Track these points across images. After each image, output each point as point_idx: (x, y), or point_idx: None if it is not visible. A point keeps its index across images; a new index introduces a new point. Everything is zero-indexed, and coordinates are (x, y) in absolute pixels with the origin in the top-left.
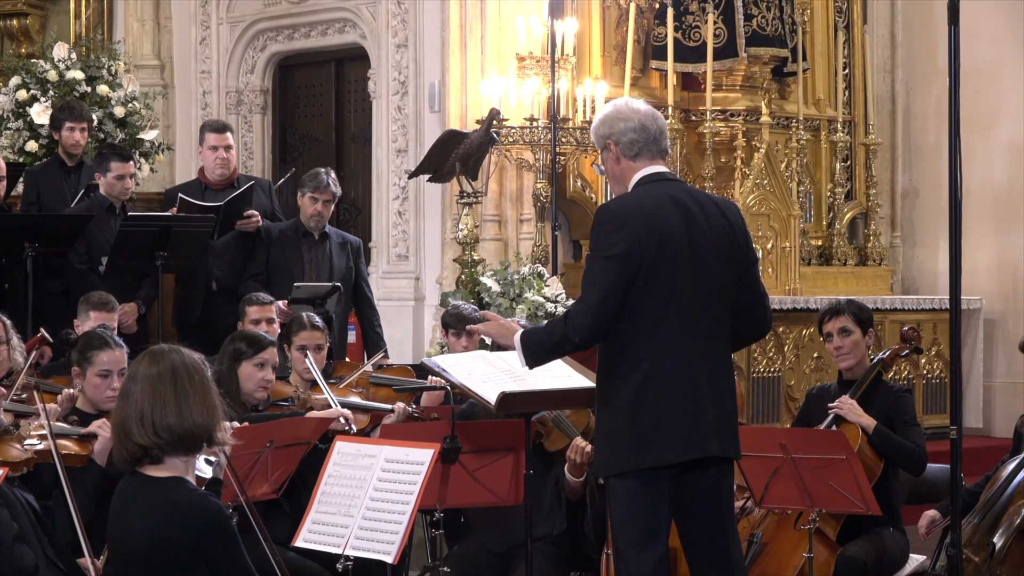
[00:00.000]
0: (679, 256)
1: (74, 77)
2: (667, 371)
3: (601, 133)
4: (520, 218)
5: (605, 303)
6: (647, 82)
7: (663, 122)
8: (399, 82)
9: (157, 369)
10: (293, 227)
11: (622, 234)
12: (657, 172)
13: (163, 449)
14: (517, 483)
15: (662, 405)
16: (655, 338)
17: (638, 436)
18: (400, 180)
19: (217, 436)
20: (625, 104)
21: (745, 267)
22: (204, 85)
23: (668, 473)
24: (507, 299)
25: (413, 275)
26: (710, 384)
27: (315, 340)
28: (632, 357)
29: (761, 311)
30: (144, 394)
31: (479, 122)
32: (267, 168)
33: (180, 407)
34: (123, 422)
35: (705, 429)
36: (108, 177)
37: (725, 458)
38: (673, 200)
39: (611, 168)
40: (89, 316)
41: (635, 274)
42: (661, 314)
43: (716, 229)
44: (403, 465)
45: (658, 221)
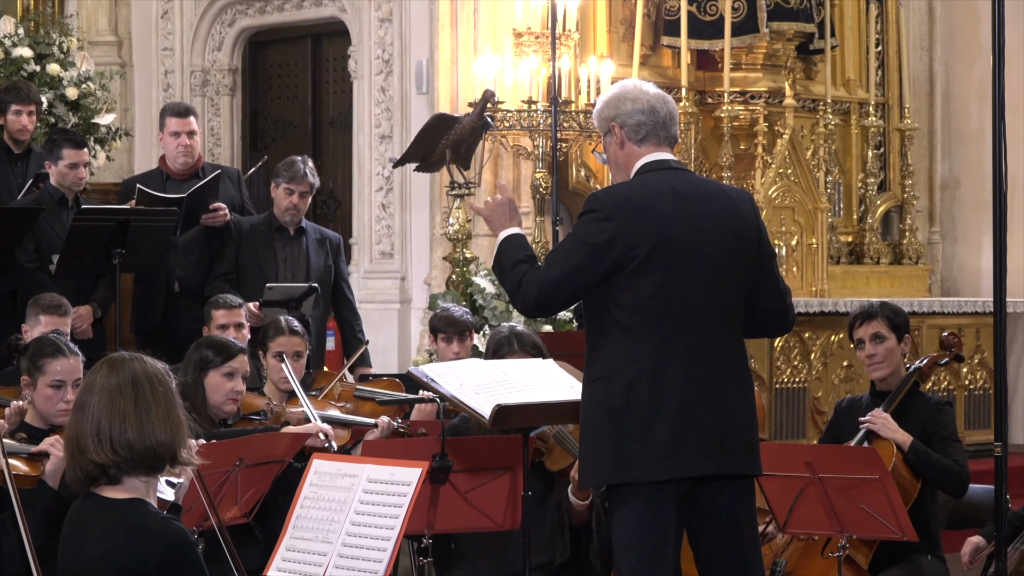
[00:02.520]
0: (675, 252)
1: (21, 55)
2: (660, 376)
3: (605, 115)
4: None
5: (556, 286)
6: (658, 60)
7: (674, 106)
8: (383, 60)
9: (116, 379)
10: (265, 222)
11: (607, 225)
12: (662, 159)
13: (121, 468)
14: (514, 506)
15: (650, 413)
16: (648, 340)
17: (623, 445)
18: (384, 169)
19: (181, 455)
20: (633, 85)
21: (759, 262)
22: (166, 64)
23: (674, 491)
24: (503, 301)
25: (398, 275)
26: (712, 392)
27: (294, 346)
28: (619, 359)
29: (780, 310)
30: (101, 407)
31: (471, 105)
32: (236, 156)
33: (141, 422)
34: (77, 437)
35: (700, 443)
36: (59, 166)
37: (743, 476)
38: (674, 191)
39: (614, 153)
40: (39, 320)
41: (607, 269)
42: (652, 314)
43: (724, 221)
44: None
45: (653, 214)
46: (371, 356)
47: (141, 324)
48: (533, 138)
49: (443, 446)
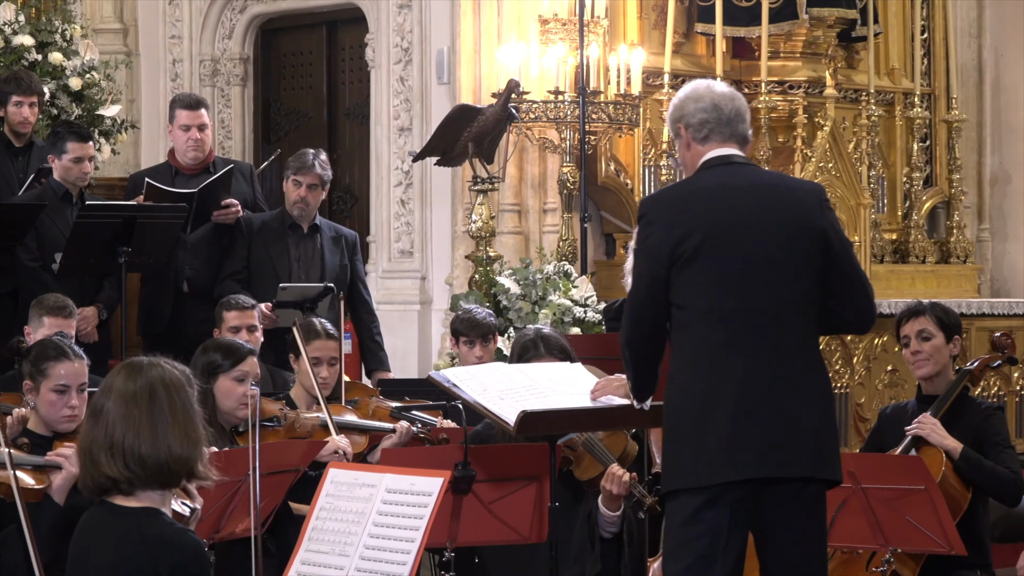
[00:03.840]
0: (725, 246)
1: (22, 43)
2: (716, 376)
3: (673, 118)
4: (543, 208)
5: (635, 302)
6: (691, 48)
7: (742, 104)
8: (402, 49)
9: (133, 387)
10: (278, 218)
11: (653, 228)
12: (723, 155)
13: (134, 484)
14: (541, 517)
15: (708, 414)
16: (702, 339)
17: (678, 450)
18: (403, 163)
19: (199, 469)
20: (699, 84)
21: (828, 256)
22: (174, 52)
23: (730, 497)
24: (528, 302)
25: (418, 274)
26: (770, 393)
27: (330, 352)
28: (681, 361)
29: (859, 304)
30: (116, 417)
31: (495, 96)
32: (247, 150)
33: (155, 435)
34: (91, 448)
35: (756, 446)
36: (63, 160)
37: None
38: (725, 185)
39: (682, 156)
40: (43, 322)
41: (667, 269)
42: (705, 312)
43: (786, 216)
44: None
45: (702, 211)
46: (390, 360)
47: (148, 326)
48: (560, 130)
49: (466, 454)
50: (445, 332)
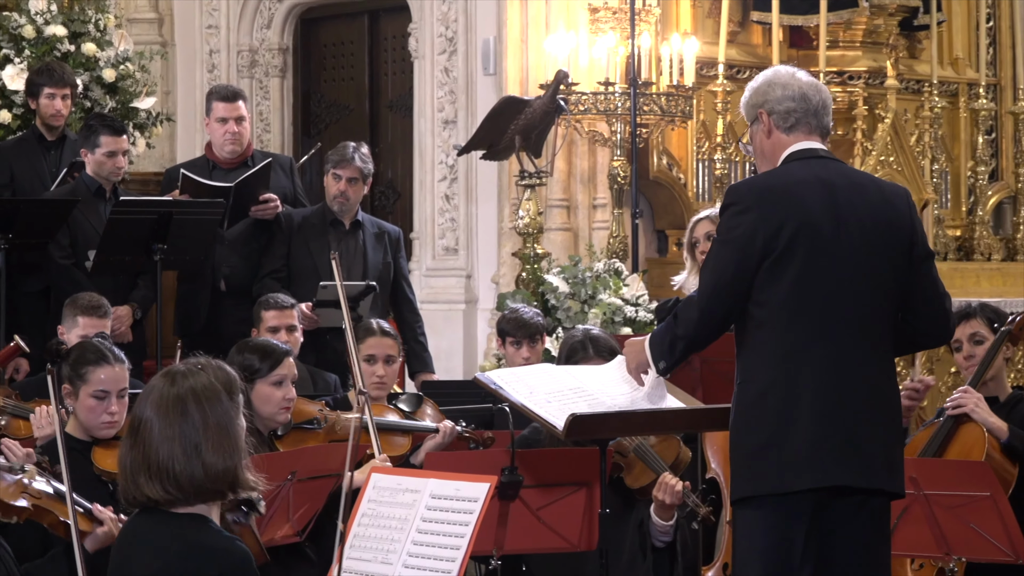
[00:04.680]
0: (820, 245)
1: (54, 33)
2: (796, 378)
3: (753, 102)
4: (593, 203)
5: (715, 295)
6: (747, 38)
7: (827, 95)
8: (446, 39)
9: (167, 402)
10: (319, 214)
11: (746, 217)
12: (809, 148)
13: (174, 503)
14: (590, 524)
15: (784, 420)
16: (785, 340)
17: (753, 455)
18: (448, 157)
19: (244, 478)
20: (785, 71)
21: (912, 263)
22: (211, 43)
23: (806, 505)
24: (577, 301)
25: (463, 272)
26: (850, 400)
27: (386, 349)
28: (754, 362)
29: (938, 316)
30: (150, 436)
31: (543, 87)
32: (286, 143)
33: (188, 453)
34: (129, 467)
35: (834, 453)
36: (96, 154)
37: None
38: (819, 180)
39: (760, 143)
40: (76, 322)
41: (757, 263)
42: (794, 312)
43: (875, 217)
44: (452, 502)
45: (795, 204)
46: (434, 361)
47: (184, 326)
48: (610, 123)
49: (513, 459)
50: (491, 332)
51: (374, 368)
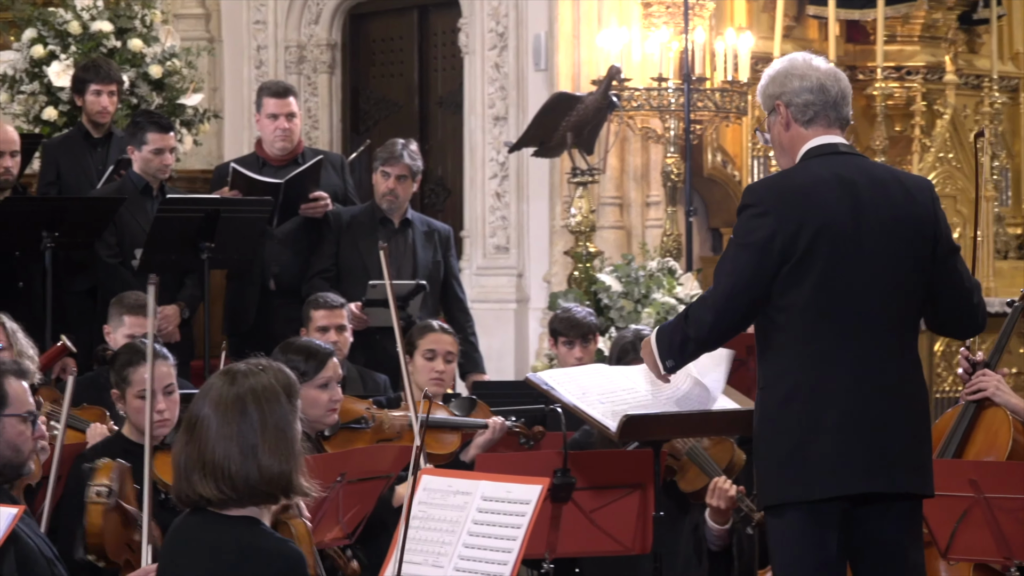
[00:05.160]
0: (841, 246)
1: (101, 29)
2: (820, 384)
3: (770, 92)
4: (646, 201)
5: (731, 299)
6: (803, 32)
7: (847, 85)
8: (497, 34)
9: (226, 401)
10: (367, 212)
11: (765, 220)
12: (829, 143)
13: (227, 504)
14: (644, 527)
15: (810, 426)
16: (809, 345)
17: (780, 463)
18: (499, 154)
19: (298, 483)
20: (802, 59)
21: (937, 258)
22: (258, 39)
23: (836, 511)
24: (630, 300)
25: (515, 271)
26: (878, 403)
27: (445, 346)
28: (779, 367)
29: (965, 310)
30: (207, 433)
31: (595, 83)
32: (335, 140)
33: (245, 454)
34: (184, 464)
35: (864, 459)
36: (143, 151)
37: (908, 496)
38: (839, 178)
39: (778, 135)
40: (123, 321)
41: (776, 267)
42: (817, 316)
43: (897, 213)
44: (504, 504)
45: (815, 205)
46: (485, 362)
47: (233, 325)
48: (664, 119)
49: (565, 461)
50: (543, 332)
51: (433, 364)
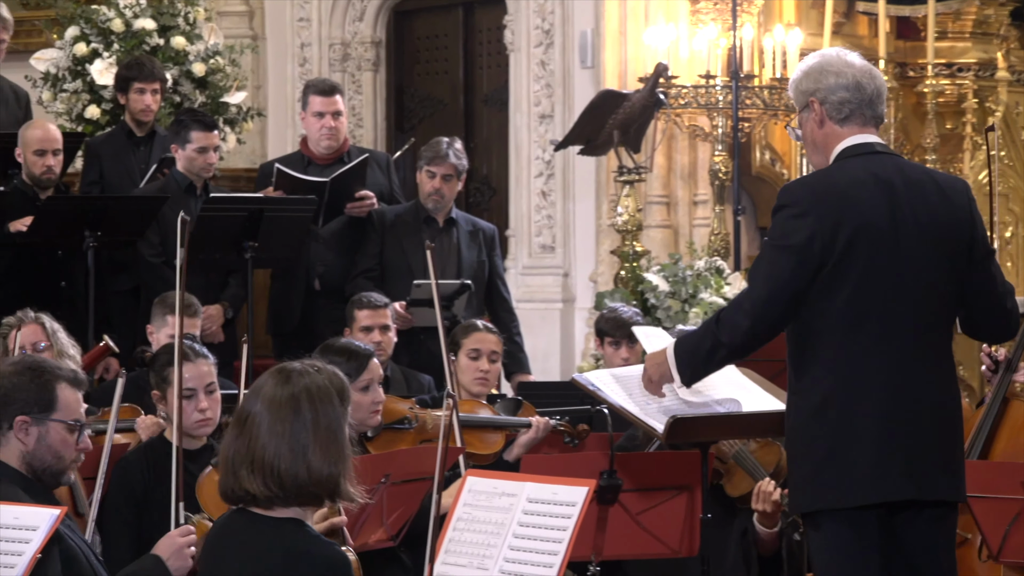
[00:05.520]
0: (878, 249)
1: (144, 27)
2: (857, 389)
3: (804, 88)
4: (694, 199)
5: (769, 303)
6: (852, 29)
7: (882, 82)
8: (543, 31)
9: (279, 397)
10: (412, 211)
11: (804, 222)
12: (865, 143)
13: (272, 501)
14: (691, 529)
15: (846, 432)
16: (844, 349)
17: (814, 469)
18: (544, 152)
19: (343, 489)
20: (836, 55)
21: (972, 260)
22: (302, 36)
23: (874, 516)
24: (678, 300)
25: (560, 271)
26: (915, 407)
27: (490, 345)
28: (814, 372)
29: (998, 313)
30: (258, 429)
31: (642, 80)
32: (379, 138)
33: (295, 452)
34: (232, 459)
35: (902, 464)
36: (187, 150)
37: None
38: (876, 179)
39: (811, 132)
40: (166, 321)
41: (815, 271)
42: (853, 320)
43: (934, 215)
44: (550, 506)
45: (853, 206)
46: (530, 362)
47: (277, 326)
48: (711, 117)
49: (612, 462)
50: (589, 332)
51: (478, 363)
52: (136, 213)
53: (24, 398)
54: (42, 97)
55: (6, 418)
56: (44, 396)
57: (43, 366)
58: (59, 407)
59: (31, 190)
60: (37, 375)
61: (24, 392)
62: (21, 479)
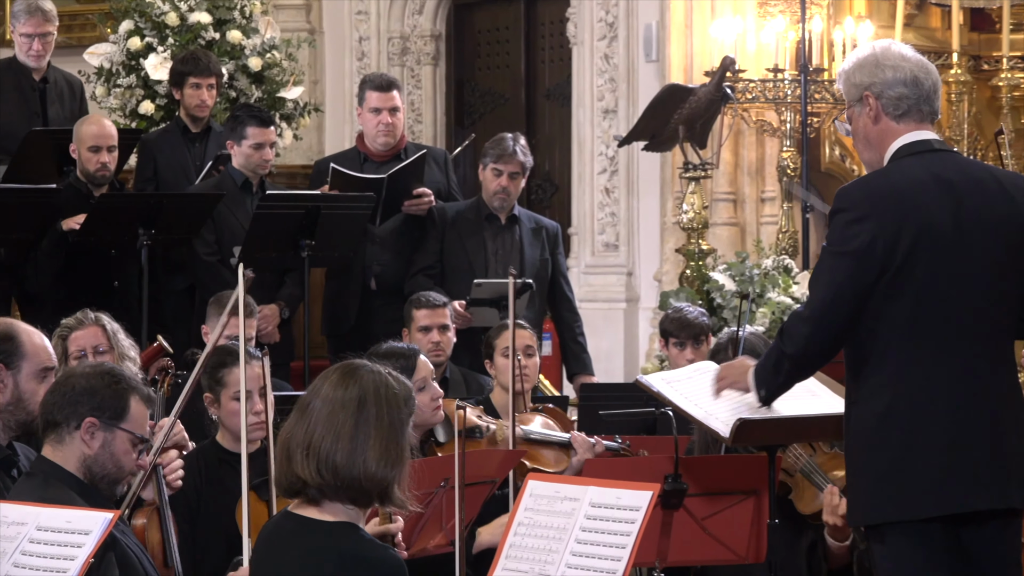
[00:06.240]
0: (941, 253)
1: (199, 21)
2: (921, 397)
3: (857, 81)
4: (761, 196)
5: (829, 310)
6: (924, 21)
7: (937, 76)
8: (606, 24)
9: (343, 392)
10: (473, 208)
11: (863, 227)
12: (922, 140)
13: (323, 491)
14: (758, 535)
15: (911, 442)
16: (907, 357)
17: (877, 480)
18: (608, 148)
19: (394, 494)
20: (891, 48)
21: None
22: (360, 30)
23: (940, 529)
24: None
25: (624, 269)
26: (982, 414)
27: (523, 340)
28: (876, 380)
29: None
30: (320, 416)
31: (708, 74)
32: (439, 134)
33: (353, 448)
34: (289, 443)
35: (971, 474)
36: (243, 146)
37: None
38: (937, 179)
39: (864, 128)
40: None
41: (876, 276)
42: (916, 327)
43: (996, 215)
44: (613, 511)
45: (914, 208)
46: (593, 363)
47: (333, 326)
48: (779, 112)
49: (676, 466)
50: (653, 332)
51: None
52: (191, 211)
53: (97, 402)
54: (95, 92)
55: (75, 417)
56: (117, 404)
57: (121, 374)
58: (129, 418)
59: (85, 187)
60: (114, 381)
61: (98, 396)
62: (76, 483)
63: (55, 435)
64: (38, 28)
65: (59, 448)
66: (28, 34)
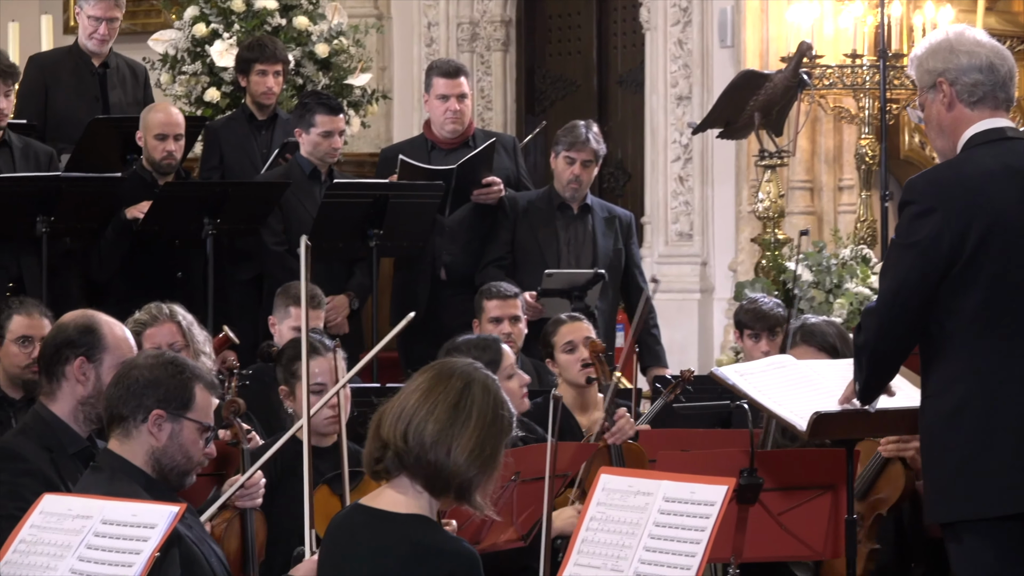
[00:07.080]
0: (1013, 245)
1: (265, 7)
2: (994, 392)
3: (930, 67)
4: (839, 185)
5: (896, 302)
6: (1007, 5)
7: (1013, 63)
8: (680, 9)
9: (449, 373)
10: (545, 198)
11: (930, 219)
12: (996, 128)
13: (401, 459)
14: (836, 531)
15: (983, 439)
16: (979, 352)
17: (951, 476)
18: (682, 136)
19: (474, 496)
20: (964, 33)
21: None
22: (429, 15)
23: (1018, 525)
24: (822, 291)
25: (699, 259)
26: None
27: (583, 333)
28: (946, 374)
29: None
30: (420, 389)
31: (784, 60)
32: (509, 121)
33: (445, 427)
34: (383, 411)
35: None
36: (311, 134)
37: None
38: (1009, 169)
39: (937, 115)
40: (289, 313)
41: (945, 269)
42: (987, 321)
43: None
44: (687, 506)
45: (984, 201)
46: (667, 355)
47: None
48: (858, 98)
49: (752, 460)
50: (728, 324)
51: (577, 356)
52: (258, 200)
53: (162, 393)
54: (160, 79)
55: (141, 410)
56: (183, 394)
57: (184, 363)
58: (195, 407)
59: (150, 176)
60: (178, 371)
61: (163, 387)
62: (143, 477)
63: (121, 429)
64: (107, 12)
65: (126, 442)
66: (96, 17)
